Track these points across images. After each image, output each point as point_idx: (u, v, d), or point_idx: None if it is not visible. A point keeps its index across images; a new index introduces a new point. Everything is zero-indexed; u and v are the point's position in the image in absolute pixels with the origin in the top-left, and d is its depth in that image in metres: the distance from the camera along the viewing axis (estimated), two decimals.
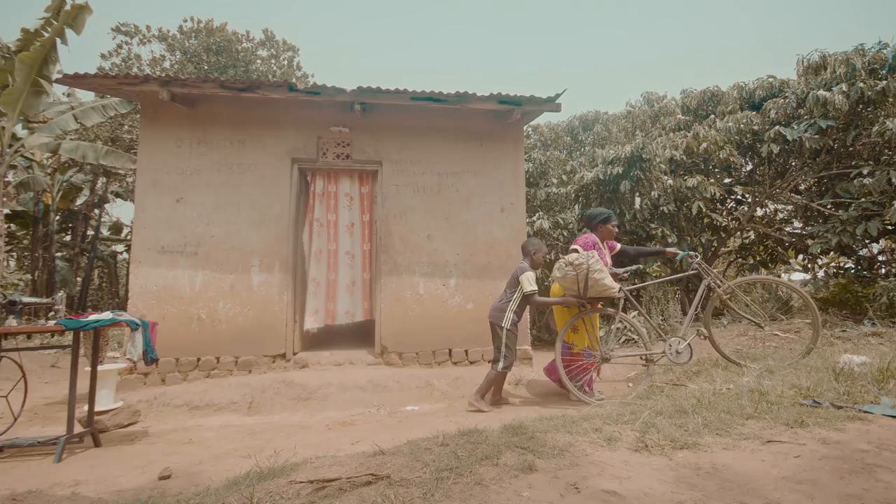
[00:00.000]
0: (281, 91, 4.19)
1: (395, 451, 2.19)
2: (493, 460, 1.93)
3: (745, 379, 2.90)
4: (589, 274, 3.37)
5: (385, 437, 2.82)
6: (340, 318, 4.60)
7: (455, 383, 4.14)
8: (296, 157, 4.52)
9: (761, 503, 1.46)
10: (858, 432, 1.91)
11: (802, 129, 6.19)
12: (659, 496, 1.56)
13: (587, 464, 1.85)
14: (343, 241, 4.71)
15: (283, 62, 12.68)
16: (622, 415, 2.42)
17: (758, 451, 1.82)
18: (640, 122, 8.66)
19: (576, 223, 6.78)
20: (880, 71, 6.08)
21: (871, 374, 2.61)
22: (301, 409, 3.76)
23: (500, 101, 4.46)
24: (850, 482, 1.53)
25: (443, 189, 4.74)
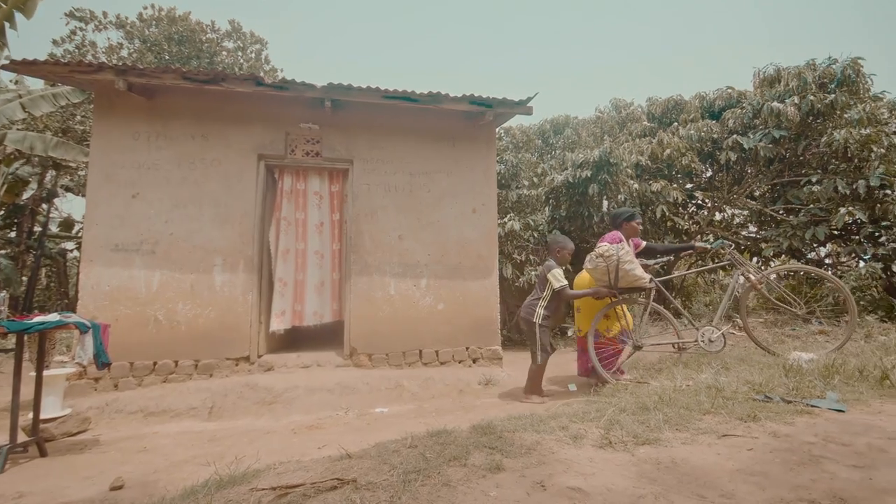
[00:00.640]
0: (247, 85, 4.06)
1: (362, 454, 2.16)
2: (462, 461, 1.92)
3: (703, 376, 3.01)
4: (619, 265, 3.46)
5: (353, 440, 2.78)
6: (308, 319, 4.49)
7: (425, 384, 4.12)
8: (263, 153, 4.39)
9: (717, 495, 1.51)
10: (806, 426, 2.02)
11: (758, 139, 6.53)
12: (621, 491, 1.59)
13: (553, 462, 1.87)
14: (312, 241, 4.60)
15: (250, 55, 12.31)
16: (588, 413, 2.46)
17: (714, 445, 1.89)
18: (608, 128, 8.92)
19: (546, 225, 6.89)
20: (829, 85, 6.49)
21: (817, 371, 2.76)
22: (266, 413, 3.64)
23: (472, 102, 4.48)
24: (799, 473, 1.61)
25: (415, 189, 4.71)
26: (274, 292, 4.42)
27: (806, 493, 1.47)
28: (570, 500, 1.57)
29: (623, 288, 3.58)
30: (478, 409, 3.53)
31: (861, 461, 1.66)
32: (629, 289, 3.62)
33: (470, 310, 4.68)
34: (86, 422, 3.33)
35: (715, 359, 3.61)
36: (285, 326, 4.41)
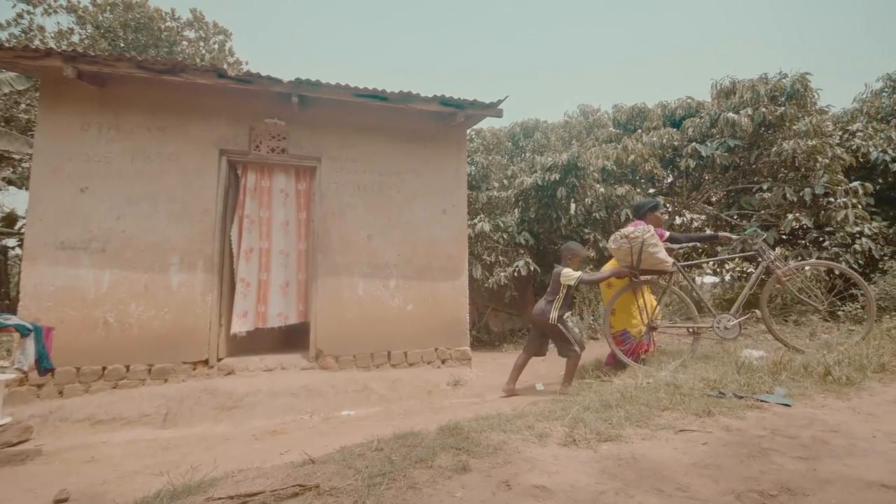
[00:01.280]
0: (209, 76, 3.90)
1: (326, 459, 2.11)
2: (428, 462, 1.91)
3: (662, 373, 3.12)
4: (644, 247, 3.51)
5: (318, 444, 2.71)
6: (272, 320, 4.35)
7: (394, 386, 4.07)
8: (225, 148, 4.22)
9: (673, 488, 1.56)
10: (756, 420, 2.12)
11: (714, 147, 6.86)
12: (584, 487, 1.62)
13: (519, 461, 1.88)
14: (277, 240, 4.46)
15: (213, 46, 11.85)
16: (553, 411, 2.50)
17: (672, 440, 1.96)
18: (576, 133, 9.13)
19: (515, 226, 6.98)
20: (780, 98, 6.89)
21: (767, 367, 2.92)
22: (225, 419, 3.51)
23: (443, 102, 4.48)
24: (749, 465, 1.68)
25: (384, 189, 4.66)
26: (236, 293, 4.25)
27: (755, 485, 1.54)
28: (535, 499, 1.58)
29: (644, 270, 3.64)
30: (446, 411, 3.52)
31: (806, 453, 1.76)
32: (651, 271, 3.68)
33: (439, 310, 4.67)
34: (27, 431, 3.13)
35: (675, 357, 3.75)
36: (248, 328, 4.26)
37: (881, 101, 8.39)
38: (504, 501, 1.55)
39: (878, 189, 6.45)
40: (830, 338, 3.75)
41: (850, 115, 8.39)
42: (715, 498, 1.49)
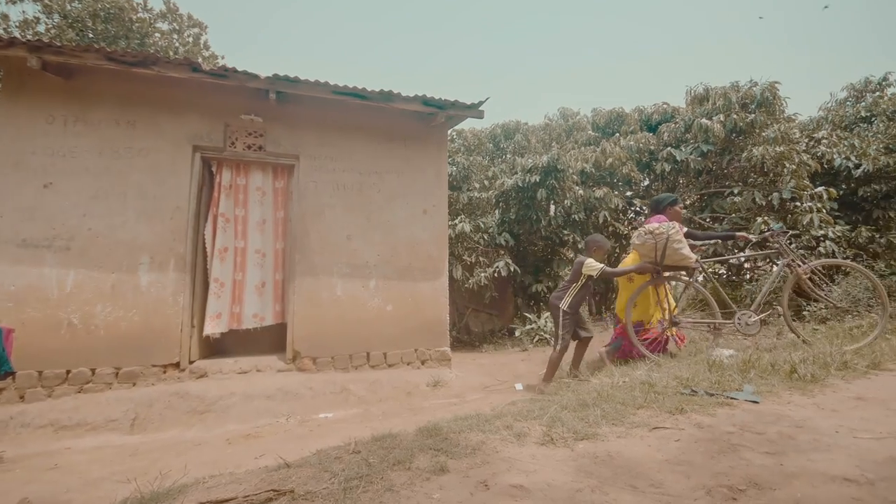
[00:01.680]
0: (182, 70, 3.78)
1: (301, 462, 2.07)
2: (406, 464, 1.89)
3: (637, 372, 3.18)
4: (668, 243, 3.52)
5: (293, 448, 2.66)
6: (248, 321, 4.24)
7: (372, 387, 4.04)
8: (198, 144, 4.10)
9: (647, 485, 1.59)
10: (726, 416, 2.18)
11: (688, 152, 7.05)
12: (560, 486, 1.63)
13: (497, 461, 1.88)
14: (253, 239, 4.35)
15: (187, 39, 11.51)
16: (532, 411, 2.51)
17: (646, 438, 1.99)
18: (556, 135, 9.25)
19: (496, 227, 7.02)
20: (750, 105, 7.13)
21: (736, 365, 3.00)
22: (197, 423, 3.41)
23: (424, 102, 4.47)
24: (719, 461, 1.73)
25: (364, 188, 4.61)
26: (209, 293, 4.13)
27: (725, 480, 1.58)
28: (512, 498, 1.58)
29: (667, 266, 3.65)
30: (426, 411, 3.51)
31: (773, 448, 1.81)
32: (673, 267, 3.69)
33: (419, 311, 4.65)
34: None
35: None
36: (221, 330, 4.15)
37: (845, 110, 8.79)
38: (481, 502, 1.55)
39: (842, 194, 6.74)
40: (796, 336, 3.89)
41: (815, 123, 8.75)
42: (687, 493, 1.52)
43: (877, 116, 8.16)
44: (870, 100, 9.42)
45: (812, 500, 1.43)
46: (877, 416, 2.11)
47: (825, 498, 1.44)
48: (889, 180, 6.40)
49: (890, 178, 6.40)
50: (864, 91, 10.61)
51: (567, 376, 3.94)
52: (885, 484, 1.50)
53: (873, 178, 6.56)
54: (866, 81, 10.73)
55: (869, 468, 1.60)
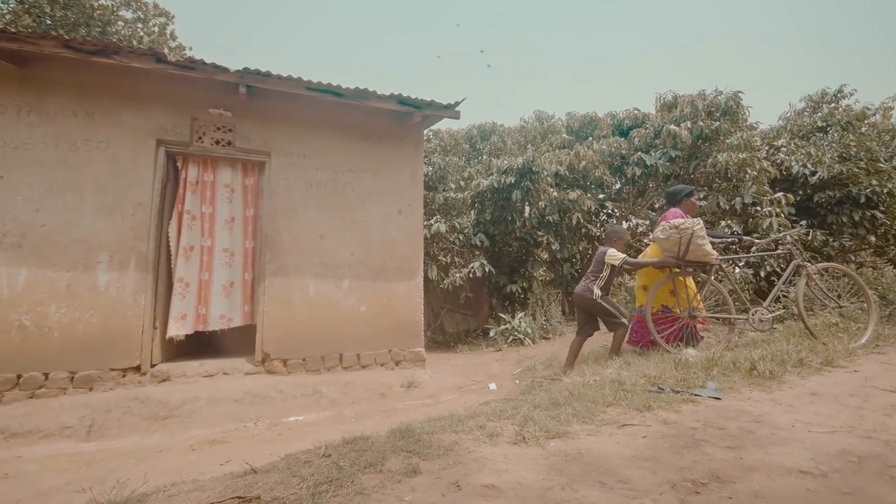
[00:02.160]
0: (146, 60, 3.63)
1: (269, 468, 2.01)
2: (377, 467, 1.87)
3: (608, 371, 3.25)
4: (693, 238, 3.56)
5: (261, 453, 2.59)
6: (214, 323, 4.09)
7: (345, 389, 3.97)
8: (163, 138, 3.94)
9: (615, 481, 1.62)
10: (691, 413, 2.25)
11: (658, 157, 7.27)
12: (531, 484, 1.64)
13: (470, 461, 1.88)
14: (221, 237, 4.21)
15: (152, 28, 11.04)
16: (505, 410, 2.53)
17: (615, 435, 2.03)
18: (531, 137, 9.37)
19: (471, 228, 7.04)
20: (715, 113, 7.41)
21: (700, 363, 3.11)
22: (159, 429, 3.27)
23: (400, 101, 4.44)
24: (684, 456, 1.77)
25: (338, 187, 4.54)
26: (173, 293, 3.97)
27: (689, 474, 1.63)
28: (484, 498, 1.58)
29: (689, 261, 3.71)
30: (399, 413, 3.48)
31: (733, 443, 1.88)
32: (693, 263, 3.75)
33: (394, 311, 4.61)
34: None
35: (620, 354, 3.92)
36: (186, 332, 3.99)
37: (803, 120, 9.26)
38: (453, 502, 1.54)
39: (799, 200, 7.09)
40: (756, 336, 4.07)
41: (775, 131, 9.19)
42: (653, 488, 1.55)
43: (832, 126, 8.63)
44: (825, 110, 9.97)
45: (770, 492, 1.49)
46: (830, 411, 2.22)
47: (782, 490, 1.50)
48: (842, 187, 6.77)
49: (843, 185, 6.77)
50: (820, 102, 11.23)
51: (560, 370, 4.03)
52: (837, 476, 1.57)
53: (827, 185, 6.93)
54: (823, 93, 11.36)
55: (823, 460, 1.68)
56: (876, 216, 6.57)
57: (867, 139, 7.74)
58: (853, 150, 7.12)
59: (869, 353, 3.42)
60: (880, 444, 1.81)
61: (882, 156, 7.38)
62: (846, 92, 11.24)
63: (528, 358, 5.21)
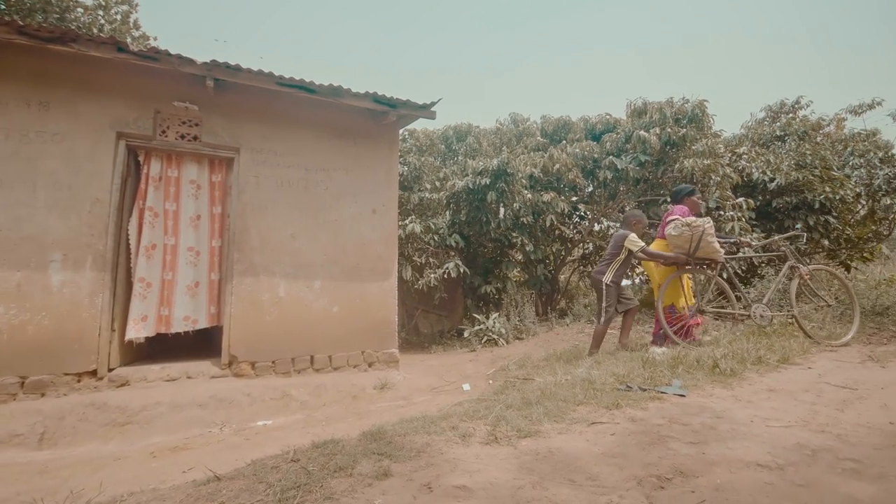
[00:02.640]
0: (106, 50, 3.45)
1: (234, 474, 1.95)
2: (348, 471, 1.84)
3: (579, 370, 3.31)
4: (703, 236, 3.73)
5: (227, 459, 2.50)
6: (178, 324, 3.92)
7: (316, 392, 3.89)
8: (123, 131, 3.76)
9: (584, 478, 1.64)
10: (657, 410, 2.32)
11: (628, 161, 7.46)
12: (503, 484, 1.64)
13: (441, 462, 1.87)
14: (185, 236, 4.04)
15: (114, 16, 10.51)
16: (478, 411, 2.53)
17: (584, 433, 2.07)
18: (506, 139, 9.45)
19: (446, 228, 7.04)
20: (682, 120, 7.67)
21: (667, 362, 3.21)
22: (117, 436, 3.12)
23: (375, 100, 4.39)
24: (650, 452, 1.82)
25: (311, 185, 4.44)
26: (133, 294, 3.78)
27: (654, 470, 1.67)
28: (455, 499, 1.58)
29: (697, 258, 3.87)
30: (372, 415, 3.43)
31: (696, 438, 1.94)
32: (702, 260, 3.92)
33: (367, 312, 4.55)
34: None
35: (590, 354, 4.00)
36: (147, 334, 3.80)
37: (763, 129, 9.71)
38: None
39: (758, 205, 7.42)
40: (719, 335, 4.23)
41: (738, 139, 9.60)
42: (620, 484, 1.59)
43: (789, 136, 9.09)
44: (784, 120, 10.50)
45: (730, 485, 1.54)
46: (786, 406, 2.32)
47: (741, 483, 1.56)
48: (798, 193, 7.13)
49: (799, 191, 7.13)
50: (779, 112, 11.82)
51: (618, 348, 4.14)
52: (792, 468, 1.64)
53: (785, 191, 7.29)
54: (781, 104, 11.96)
55: (779, 454, 1.76)
56: (829, 221, 6.95)
57: (821, 148, 8.20)
58: (809, 158, 7.52)
59: (822, 350, 3.61)
60: (832, 437, 1.91)
61: (835, 164, 7.82)
62: (803, 103, 11.88)
63: (502, 358, 5.25)
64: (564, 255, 8.64)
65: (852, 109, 14.44)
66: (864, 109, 14.31)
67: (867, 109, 14.22)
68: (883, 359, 3.21)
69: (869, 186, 7.77)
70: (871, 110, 14.06)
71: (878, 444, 1.82)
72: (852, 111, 14.49)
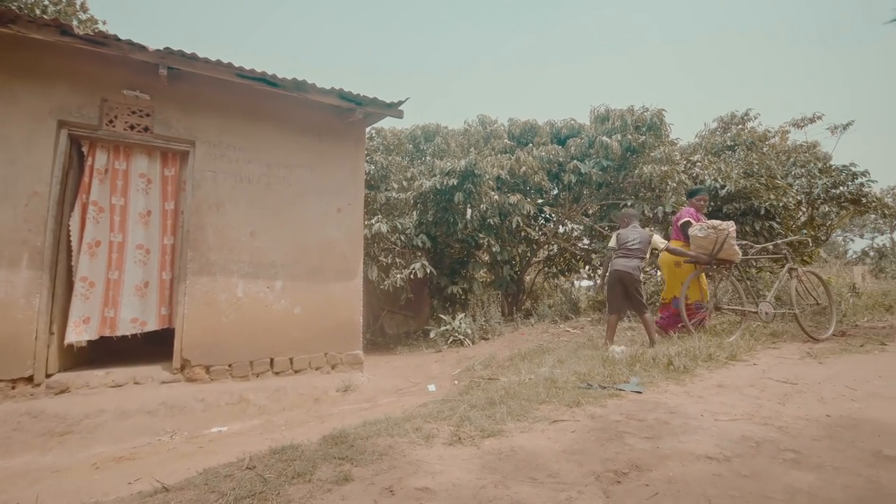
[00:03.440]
0: (48, 32, 3.20)
1: (184, 484, 1.85)
2: (307, 477, 1.79)
3: (542, 370, 3.36)
4: (727, 238, 4.01)
5: (177, 468, 2.37)
6: (124, 327, 3.67)
7: (276, 395, 3.76)
8: (66, 119, 3.49)
9: (545, 475, 1.66)
10: (615, 406, 2.38)
11: (591, 166, 7.69)
12: (465, 484, 1.64)
13: (404, 464, 1.85)
14: (134, 232, 3.79)
15: None
16: (442, 412, 2.52)
17: (546, 431, 2.10)
18: (474, 141, 9.51)
19: (413, 229, 7.00)
20: (642, 128, 7.98)
21: (625, 360, 3.31)
22: (55, 447, 2.89)
23: (341, 96, 4.30)
24: (608, 448, 1.87)
25: (273, 182, 4.30)
26: (74, 294, 3.51)
27: (612, 465, 1.71)
28: (418, 502, 1.56)
29: (718, 259, 4.15)
30: (334, 418, 3.35)
31: (651, 433, 2.01)
32: (721, 260, 4.19)
33: (331, 313, 4.45)
34: None
35: (553, 354, 4.08)
36: (89, 337, 3.54)
37: (715, 139, 10.25)
38: None
39: (711, 210, 7.82)
40: (675, 333, 4.42)
41: (692, 147, 10.09)
42: (579, 480, 1.62)
43: (739, 146, 9.64)
44: (734, 131, 11.13)
45: (682, 477, 1.60)
46: (733, 401, 2.45)
47: (692, 475, 1.62)
48: (746, 200, 7.56)
49: (746, 198, 7.56)
50: (730, 123, 12.54)
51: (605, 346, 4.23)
52: (738, 460, 1.73)
53: (734, 198, 7.72)
54: (731, 115, 12.69)
55: (727, 446, 1.85)
56: (773, 227, 7.41)
57: (767, 158, 8.73)
58: (756, 167, 8.00)
59: (766, 348, 3.85)
60: (774, 429, 2.03)
61: (779, 174, 8.35)
62: (751, 115, 12.66)
63: (468, 358, 5.27)
64: (530, 257, 8.79)
65: (795, 122, 15.54)
66: (805, 123, 15.45)
67: (808, 123, 15.36)
68: (820, 355, 3.45)
69: (809, 195, 8.36)
70: (811, 124, 15.18)
71: (815, 436, 1.94)
72: (795, 124, 15.60)
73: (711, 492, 1.50)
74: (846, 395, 2.48)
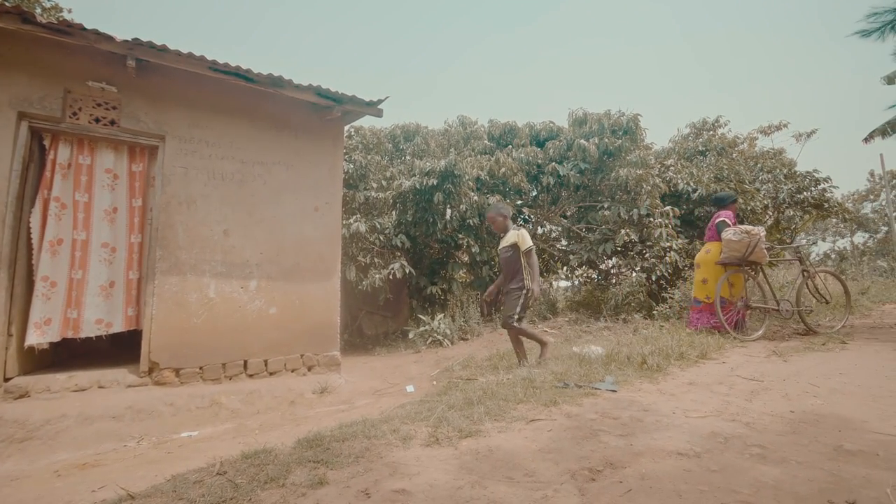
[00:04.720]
0: (9, 20, 3.05)
1: (151, 491, 1.78)
2: (280, 481, 1.74)
3: (520, 370, 3.38)
4: (759, 242, 4.26)
5: (144, 475, 2.29)
6: (88, 328, 3.51)
7: (249, 398, 3.67)
8: (26, 111, 3.33)
9: (522, 475, 1.67)
10: (590, 405, 2.42)
11: (569, 168, 7.81)
12: (442, 485, 1.63)
13: (381, 466, 1.83)
14: (99, 230, 3.63)
15: None
16: (420, 412, 2.50)
17: (523, 430, 2.11)
18: (454, 141, 9.53)
19: (392, 228, 6.95)
20: (618, 132, 8.15)
21: (601, 360, 3.37)
22: (14, 454, 2.75)
23: (319, 93, 4.24)
24: (583, 446, 1.89)
25: (247, 179, 4.19)
26: (34, 294, 3.34)
27: (587, 463, 1.73)
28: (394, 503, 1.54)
29: (749, 261, 4.39)
30: (310, 421, 3.29)
31: (625, 431, 2.04)
32: (750, 262, 4.43)
33: (307, 314, 4.37)
34: None
35: (531, 353, 4.11)
36: (51, 339, 3.37)
37: (688, 144, 10.56)
38: None
39: (683, 213, 8.06)
40: (649, 333, 4.52)
41: (666, 152, 10.38)
42: (555, 479, 1.63)
43: (710, 151, 9.97)
44: (706, 136, 11.49)
45: (654, 474, 1.63)
46: (703, 398, 2.52)
47: (664, 471, 1.65)
48: None
49: None
50: (702, 129, 12.94)
51: None
52: (708, 455, 1.77)
53: (705, 201, 7.97)
54: (703, 121, 13.10)
55: (697, 443, 1.89)
56: None
57: (736, 164, 9.06)
58: (725, 172, 8.29)
59: (735, 347, 3.97)
60: (742, 425, 2.09)
61: (747, 178, 8.68)
62: (722, 122, 13.10)
63: (447, 359, 5.26)
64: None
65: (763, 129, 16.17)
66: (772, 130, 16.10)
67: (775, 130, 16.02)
68: (785, 353, 3.58)
69: (775, 199, 8.71)
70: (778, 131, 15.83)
71: (780, 431, 2.01)
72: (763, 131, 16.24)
73: (682, 487, 1.54)
74: (809, 391, 2.58)
